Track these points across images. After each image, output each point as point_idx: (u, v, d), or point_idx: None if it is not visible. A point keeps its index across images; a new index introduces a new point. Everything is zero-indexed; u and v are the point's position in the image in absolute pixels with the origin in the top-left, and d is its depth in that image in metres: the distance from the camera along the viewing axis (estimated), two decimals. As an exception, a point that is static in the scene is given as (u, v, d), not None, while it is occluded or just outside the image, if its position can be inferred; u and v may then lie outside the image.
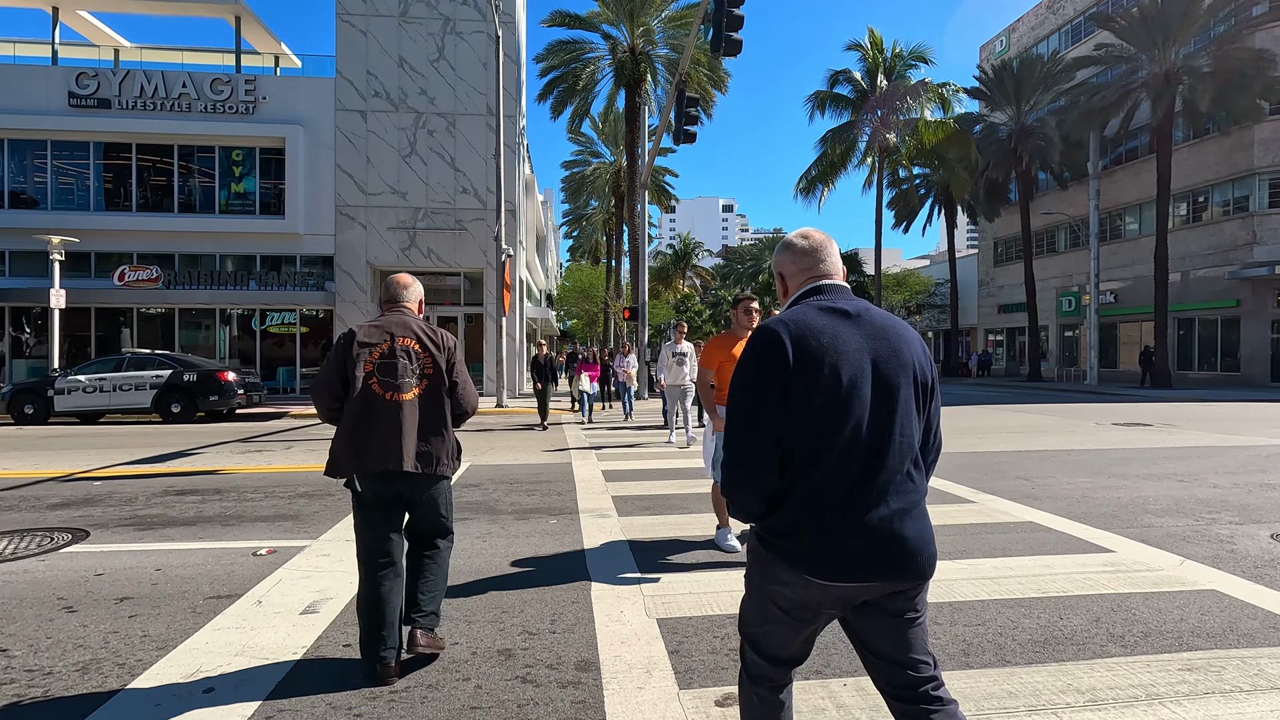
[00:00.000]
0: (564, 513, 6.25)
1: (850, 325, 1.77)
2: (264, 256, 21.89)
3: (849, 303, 1.83)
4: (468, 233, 21.98)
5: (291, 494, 7.09)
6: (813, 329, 1.74)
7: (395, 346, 3.10)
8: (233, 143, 21.53)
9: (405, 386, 3.08)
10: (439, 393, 3.16)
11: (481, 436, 12.35)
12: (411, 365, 3.11)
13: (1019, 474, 7.96)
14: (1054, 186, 35.60)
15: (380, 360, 3.07)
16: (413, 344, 3.13)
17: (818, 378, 1.70)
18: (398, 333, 3.13)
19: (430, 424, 3.11)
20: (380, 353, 3.08)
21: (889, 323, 1.82)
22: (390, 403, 3.04)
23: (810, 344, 1.72)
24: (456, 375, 3.22)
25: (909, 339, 1.81)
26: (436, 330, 3.25)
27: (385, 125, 21.76)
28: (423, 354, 3.15)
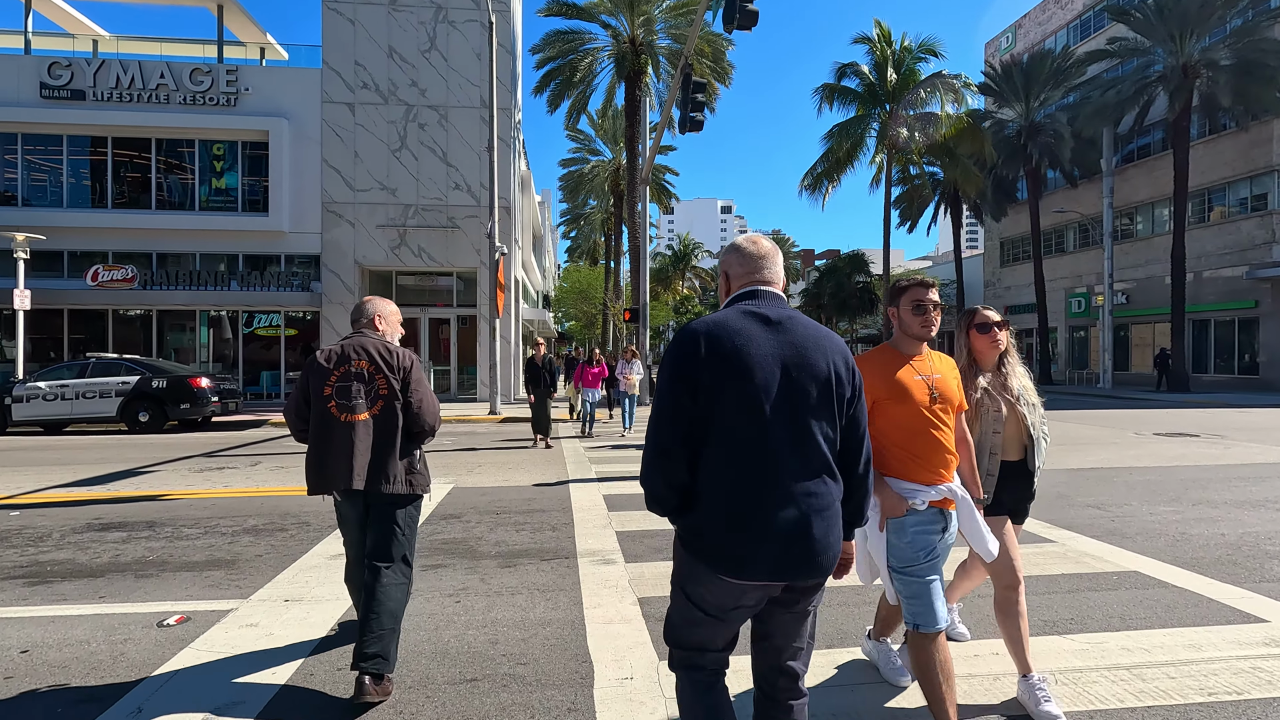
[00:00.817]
0: (559, 556, 5.12)
1: (769, 331, 1.85)
2: (247, 256, 20.71)
3: (775, 310, 1.89)
4: (460, 231, 20.85)
5: (236, 528, 5.95)
6: (730, 330, 1.83)
7: (350, 369, 3.19)
8: (214, 136, 20.37)
9: (359, 407, 3.16)
10: (393, 412, 3.19)
11: (470, 451, 11.21)
12: (365, 387, 3.18)
13: (1087, 500, 6.84)
14: (1063, 185, 34.55)
15: (337, 383, 3.17)
16: (366, 366, 3.20)
17: (727, 377, 1.78)
18: (353, 355, 3.21)
19: (382, 443, 3.15)
20: (337, 376, 3.18)
21: (811, 332, 1.89)
22: (345, 424, 3.13)
23: (724, 345, 1.81)
24: (412, 395, 3.23)
25: (829, 349, 1.88)
26: (393, 350, 3.29)
27: (374, 118, 20.62)
28: (376, 375, 3.20)
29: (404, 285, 21.92)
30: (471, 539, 5.60)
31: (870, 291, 36.28)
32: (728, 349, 1.79)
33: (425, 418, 3.25)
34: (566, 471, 8.97)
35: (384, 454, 3.14)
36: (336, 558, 4.99)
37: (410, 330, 21.65)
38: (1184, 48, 24.76)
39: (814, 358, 1.83)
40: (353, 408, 3.16)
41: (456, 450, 11.21)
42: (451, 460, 9.99)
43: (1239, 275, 26.12)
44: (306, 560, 5.01)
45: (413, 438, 3.26)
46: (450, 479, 8.36)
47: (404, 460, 3.19)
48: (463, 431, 14.20)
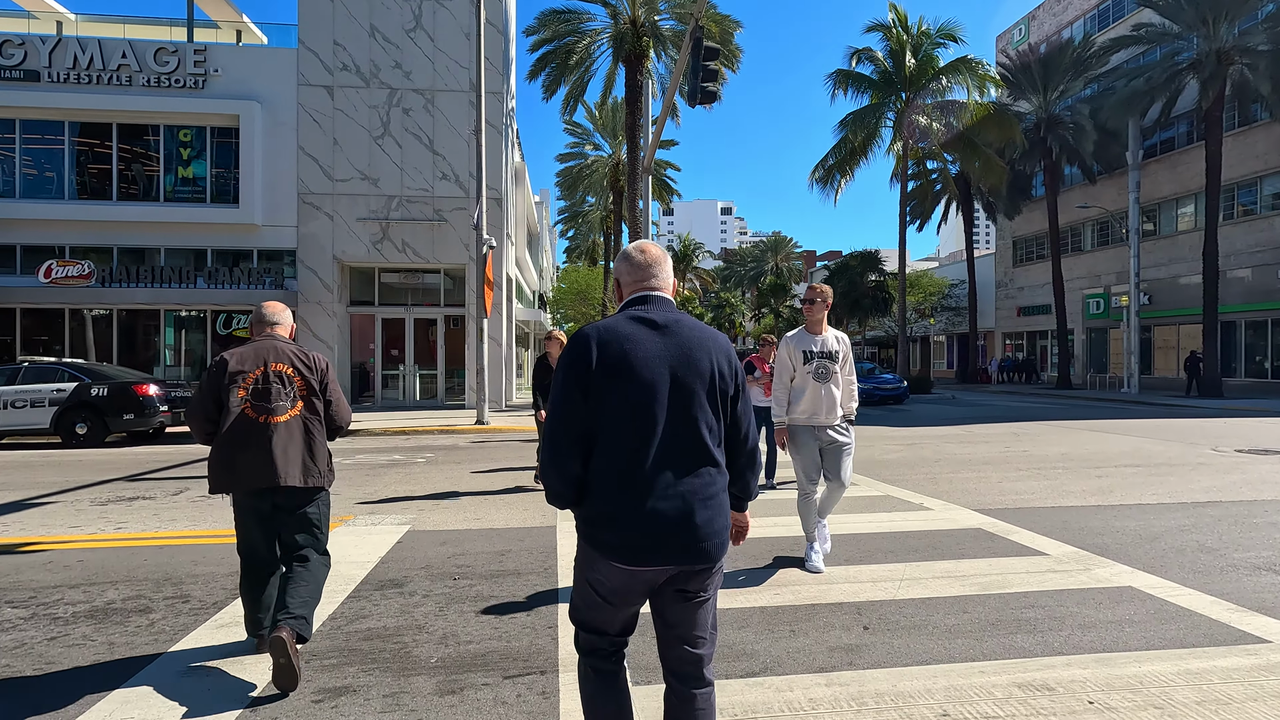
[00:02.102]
0: (530, 669, 3.34)
1: (655, 334, 1.98)
2: (216, 251, 18.95)
3: (662, 314, 2.02)
4: (448, 224, 19.10)
5: (83, 606, 4.18)
6: (618, 335, 1.96)
7: (267, 371, 3.25)
8: (180, 121, 18.61)
9: (279, 409, 3.24)
10: (315, 411, 3.34)
11: (444, 470, 9.44)
12: (285, 389, 3.27)
13: (1255, 559, 5.08)
14: (1080, 181, 32.87)
15: (254, 385, 3.22)
16: (285, 368, 3.29)
17: (615, 378, 1.92)
18: (271, 358, 3.28)
19: (302, 441, 3.28)
20: (254, 379, 3.23)
21: (697, 335, 2.02)
22: (263, 425, 3.19)
23: (612, 348, 1.93)
24: (330, 394, 3.42)
25: (713, 350, 2.02)
26: (309, 353, 3.43)
27: (354, 102, 18.88)
28: (295, 377, 3.31)
29: (387, 283, 20.17)
30: (409, 629, 3.82)
31: (884, 290, 34.46)
32: (616, 352, 1.93)
33: (340, 416, 3.47)
34: (556, 504, 7.19)
35: (304, 451, 3.27)
36: (196, 669, 3.23)
37: (395, 332, 19.91)
38: (1217, 33, 23.06)
39: (698, 358, 1.98)
40: (272, 409, 3.23)
41: (428, 468, 9.44)
42: (419, 483, 8.23)
43: (1273, 274, 24.42)
44: (152, 673, 3.25)
45: (330, 433, 3.45)
46: (409, 517, 6.60)
47: (321, 454, 3.33)
48: (443, 445, 12.42)
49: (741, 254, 66.19)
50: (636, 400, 1.91)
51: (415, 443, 13.04)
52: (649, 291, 2.09)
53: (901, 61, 24.78)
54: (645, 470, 1.90)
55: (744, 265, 63.57)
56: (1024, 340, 37.99)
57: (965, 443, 12.08)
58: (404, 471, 9.44)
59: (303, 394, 3.31)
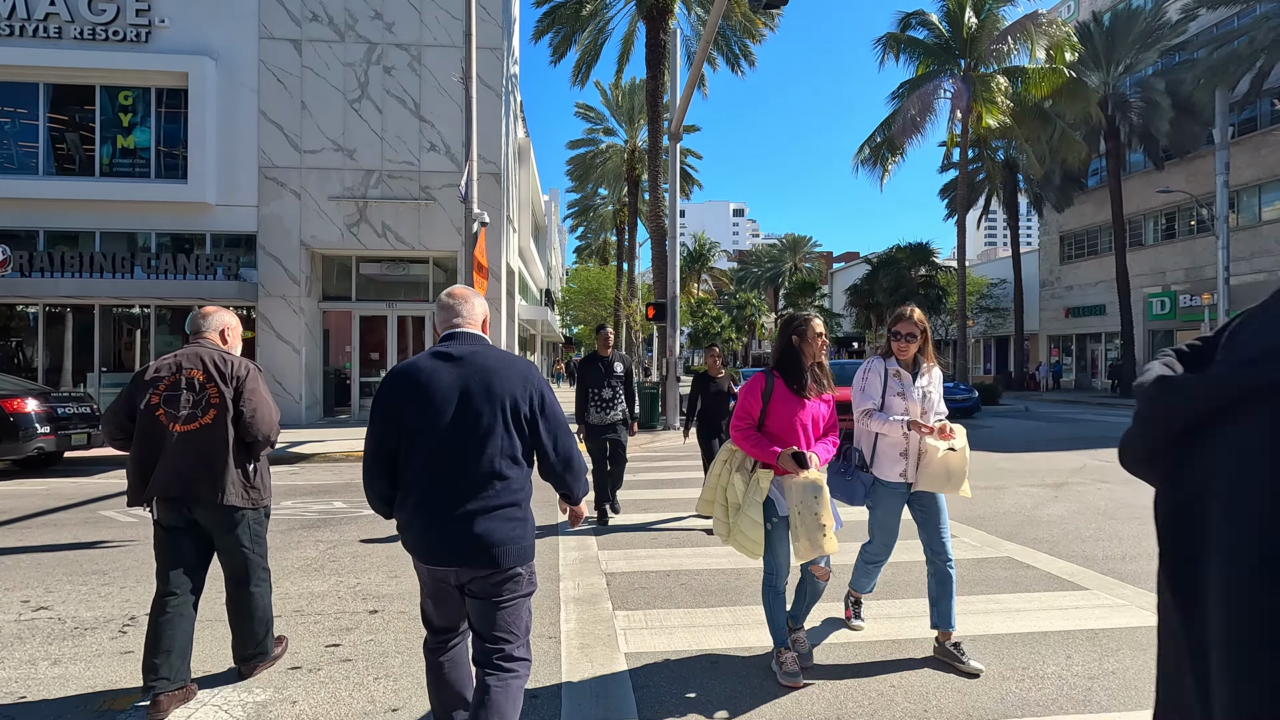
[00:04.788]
0: None
1: (451, 365, 2.26)
2: (162, 235, 15.71)
3: (460, 348, 2.31)
4: (437, 204, 15.80)
5: None
6: (416, 369, 2.27)
7: (180, 378, 3.06)
8: (119, 80, 15.38)
9: (188, 417, 3.04)
10: (223, 423, 3.07)
11: (394, 537, 6.09)
12: (195, 396, 3.05)
13: None
14: (1142, 168, 29.29)
15: (166, 392, 3.04)
16: (198, 375, 3.07)
17: (408, 405, 2.23)
18: (185, 364, 3.09)
19: (213, 453, 3.04)
20: (166, 385, 3.05)
21: (492, 363, 2.28)
22: (172, 433, 3.02)
23: (410, 380, 2.25)
24: (244, 404, 3.12)
25: (508, 377, 2.27)
26: (229, 359, 3.16)
27: (327, 59, 15.63)
28: (208, 384, 3.08)
29: (366, 274, 16.87)
30: None
31: (935, 286, 30.79)
32: (413, 385, 2.24)
33: (258, 427, 3.14)
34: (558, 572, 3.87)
35: (215, 464, 3.05)
36: None
37: (375, 332, 16.62)
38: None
39: (492, 384, 2.24)
40: (180, 417, 3.04)
41: (373, 525, 6.09)
42: (340, 565, 4.88)
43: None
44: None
45: (247, 449, 3.16)
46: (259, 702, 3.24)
47: (238, 470, 3.11)
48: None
49: (757, 254, 62.68)
50: (428, 424, 2.22)
51: (378, 475, 9.71)
52: (453, 329, 2.41)
53: (960, 21, 21.29)
54: (436, 485, 2.21)
55: (760, 266, 60.08)
56: (1072, 344, 34.34)
57: (1126, 482, 8.61)
58: (332, 536, 6.09)
59: (214, 403, 3.06)
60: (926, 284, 30.47)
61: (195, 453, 3.00)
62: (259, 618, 3.24)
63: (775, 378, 3.37)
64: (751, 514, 3.24)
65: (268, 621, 3.29)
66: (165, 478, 2.98)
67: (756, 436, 3.28)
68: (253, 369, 3.20)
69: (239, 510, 3.10)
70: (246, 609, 3.20)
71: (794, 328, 3.43)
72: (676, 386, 15.49)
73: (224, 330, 3.28)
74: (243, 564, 3.17)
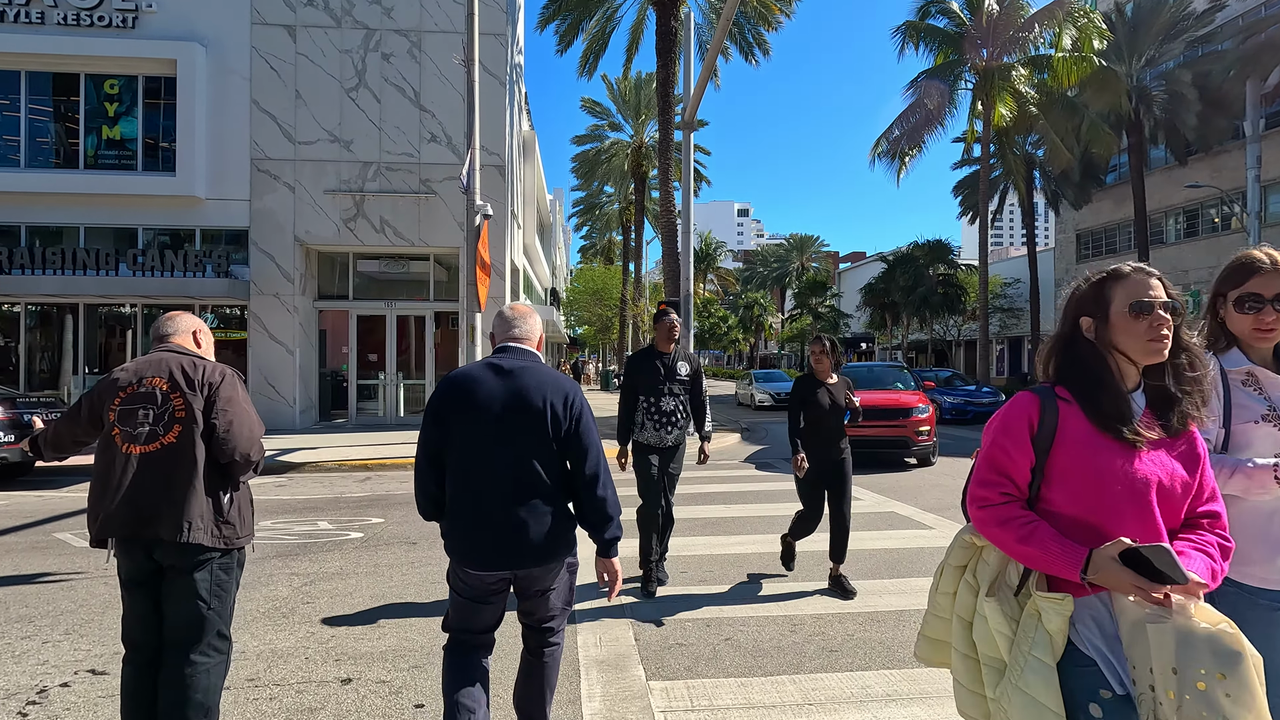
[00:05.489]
0: None
1: (499, 377, 2.35)
2: (149, 230, 14.89)
3: (509, 362, 2.40)
4: (438, 198, 14.97)
5: None
6: (469, 378, 2.37)
7: (139, 390, 2.46)
8: (104, 68, 14.57)
9: (144, 435, 2.42)
10: (191, 440, 2.43)
11: (390, 554, 5.23)
12: (156, 410, 2.44)
13: None
14: (1163, 164, 28.31)
15: (121, 406, 2.45)
16: (160, 384, 2.48)
17: (459, 414, 2.33)
18: (147, 373, 2.50)
19: (176, 479, 2.39)
20: (122, 398, 2.46)
21: (534, 379, 2.36)
22: (126, 455, 2.40)
23: (461, 388, 2.35)
24: (217, 416, 2.47)
25: (548, 391, 2.34)
26: (200, 364, 2.55)
27: (323, 46, 14.81)
28: (173, 394, 2.46)
29: (364, 272, 16.05)
30: None
31: (953, 285, 29.78)
32: (463, 391, 2.35)
33: (234, 443, 2.46)
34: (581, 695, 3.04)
35: (178, 492, 2.39)
36: None
37: (373, 332, 15.80)
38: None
39: (533, 398, 2.32)
40: (136, 435, 2.41)
41: (358, 553, 5.22)
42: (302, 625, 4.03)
43: None
44: None
45: (224, 472, 2.49)
46: None
47: (209, 499, 2.43)
48: (409, 492, 8.21)
49: (763, 254, 61.74)
50: (474, 432, 2.31)
51: (372, 487, 8.86)
52: (509, 342, 2.50)
53: (981, 7, 20.32)
54: (482, 490, 2.29)
55: (766, 265, 59.14)
56: (1089, 344, 33.35)
57: None
58: (310, 568, 5.23)
59: (179, 416, 2.44)
60: (945, 282, 29.48)
61: (156, 480, 2.39)
62: (196, 704, 2.40)
63: (1061, 401, 1.60)
64: (1035, 688, 1.45)
65: (208, 710, 2.44)
66: (118, 514, 2.37)
67: (1028, 521, 1.54)
68: (229, 374, 2.60)
69: (205, 551, 2.43)
70: (182, 688, 2.38)
71: (1107, 289, 1.62)
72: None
73: (196, 333, 2.72)
74: (193, 623, 2.43)
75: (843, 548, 4.68)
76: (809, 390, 4.75)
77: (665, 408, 4.72)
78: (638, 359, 4.92)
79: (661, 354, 4.84)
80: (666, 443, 4.76)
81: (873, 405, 10.42)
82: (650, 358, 4.84)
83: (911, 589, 4.69)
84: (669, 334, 4.83)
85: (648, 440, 4.76)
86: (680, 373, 4.80)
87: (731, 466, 10.84)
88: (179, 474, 2.39)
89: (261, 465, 2.62)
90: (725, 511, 7.32)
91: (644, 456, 4.75)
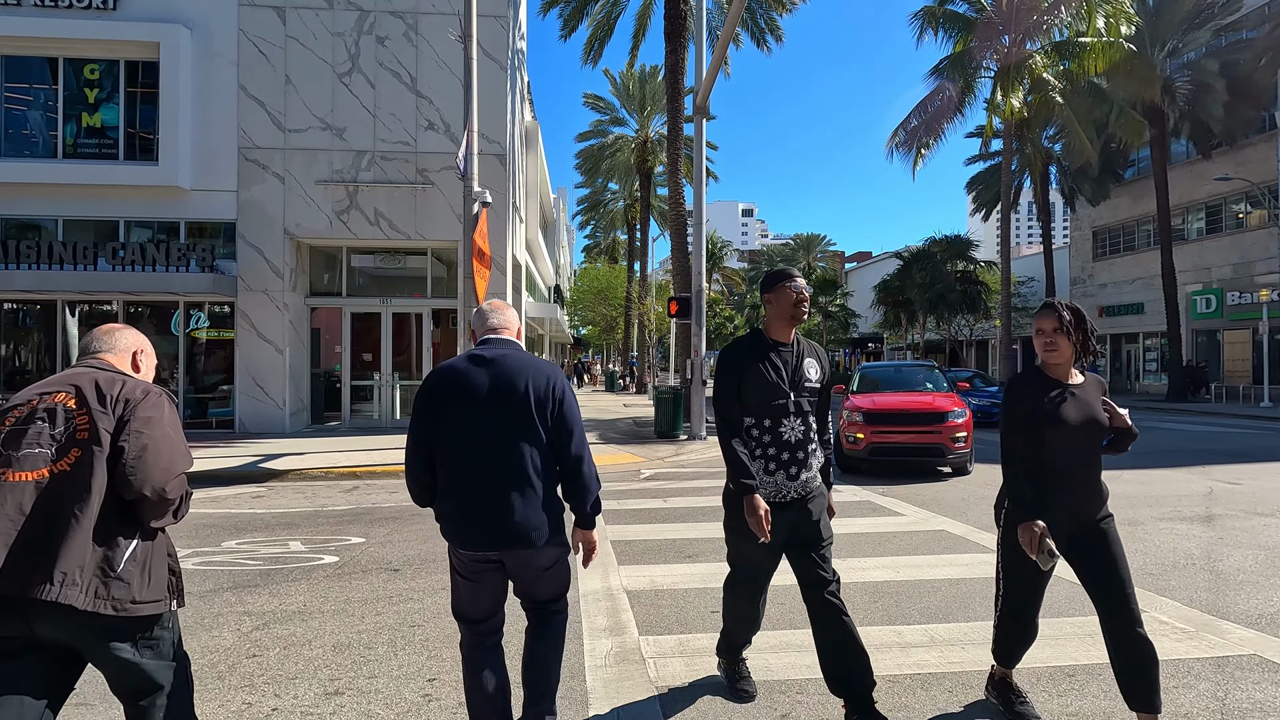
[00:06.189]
0: None
1: (483, 367, 2.43)
2: (131, 222, 14.06)
3: (492, 351, 2.48)
4: (435, 188, 14.13)
5: None
6: (453, 370, 2.44)
7: (37, 405, 1.91)
8: (84, 51, 13.74)
9: (28, 460, 1.83)
10: (88, 467, 1.84)
11: (366, 585, 4.36)
12: (52, 430, 1.87)
13: None
14: (1185, 158, 27.35)
15: (13, 426, 1.88)
16: (65, 400, 1.93)
17: (446, 404, 2.41)
18: (53, 388, 1.96)
19: (60, 518, 1.79)
20: (17, 416, 1.90)
21: (519, 365, 2.44)
22: (6, 485, 1.79)
23: (445, 381, 2.42)
24: (128, 438, 1.89)
25: (533, 376, 2.43)
26: (118, 378, 2.00)
27: (314, 28, 13.98)
28: (78, 413, 1.91)
29: (358, 267, 15.20)
30: None
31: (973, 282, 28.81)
32: (449, 383, 2.42)
33: (144, 474, 1.85)
34: None
35: (60, 535, 1.78)
36: None
37: (368, 331, 14.94)
38: None
39: (516, 383, 2.40)
40: (19, 459, 1.82)
41: (329, 583, 4.34)
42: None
43: None
44: None
45: (127, 512, 1.89)
46: None
47: (101, 548, 1.82)
48: (399, 503, 7.31)
49: (769, 253, 60.86)
50: (461, 419, 2.38)
51: (358, 499, 7.99)
52: (489, 335, 2.56)
53: (1002, -6, 19.37)
54: (471, 473, 2.37)
55: (772, 265, 58.20)
56: (1106, 344, 32.39)
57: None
58: (268, 605, 4.35)
59: (80, 438, 1.87)
60: (964, 279, 28.51)
61: (38, 518, 1.79)
62: None
63: None
64: None
65: None
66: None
67: None
68: (156, 393, 2.04)
69: (126, 621, 1.86)
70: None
71: None
72: (702, 390, 13.72)
73: (137, 354, 2.21)
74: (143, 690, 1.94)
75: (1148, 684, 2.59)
76: (1041, 398, 2.68)
77: (789, 436, 2.84)
78: (738, 355, 2.92)
79: (779, 346, 2.90)
80: (789, 494, 2.84)
81: (903, 409, 9.57)
82: (759, 352, 2.88)
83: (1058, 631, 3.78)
84: (794, 311, 2.87)
85: (773, 494, 2.84)
86: (809, 376, 2.91)
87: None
88: (63, 510, 1.81)
89: (185, 510, 2.02)
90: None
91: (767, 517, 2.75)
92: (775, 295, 2.91)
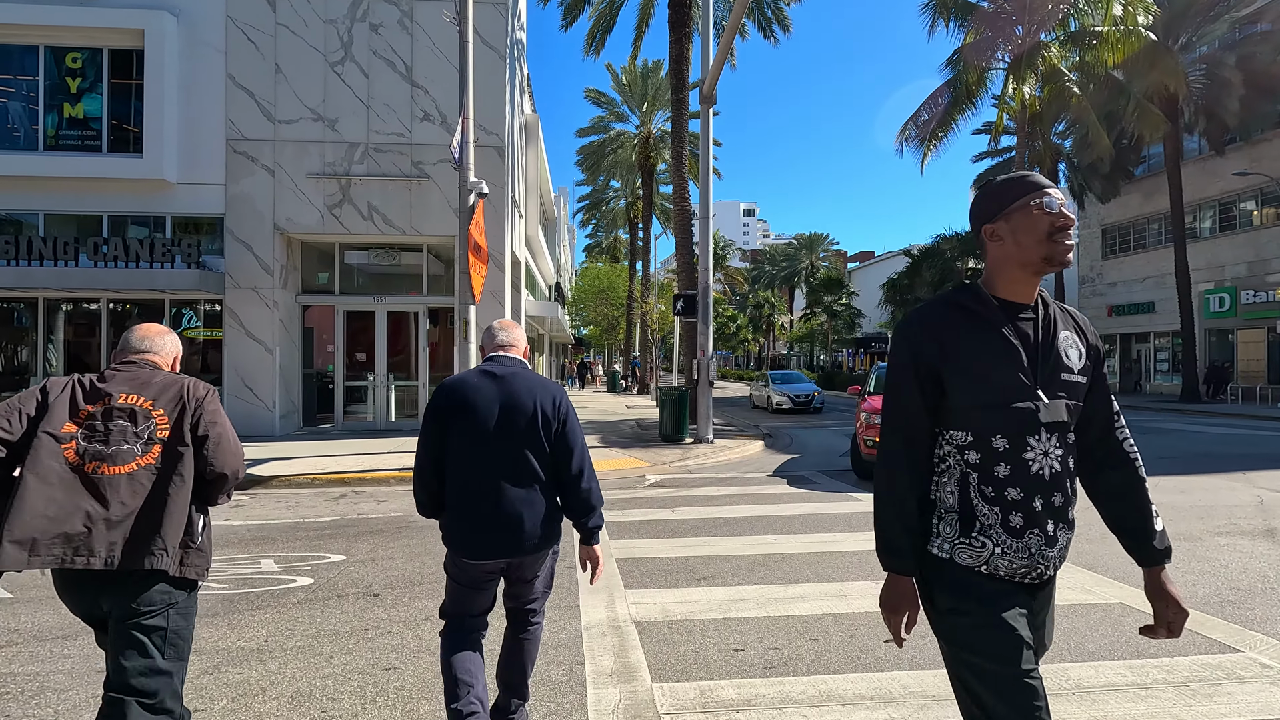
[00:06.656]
0: None
1: (493, 382, 2.54)
2: (115, 217, 13.49)
3: (503, 368, 2.60)
4: (431, 182, 13.55)
5: None
6: (465, 384, 2.55)
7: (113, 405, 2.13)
8: (65, 39, 13.18)
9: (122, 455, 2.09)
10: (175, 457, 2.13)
11: (341, 616, 3.76)
12: (134, 429, 2.13)
13: None
14: (1197, 154, 26.73)
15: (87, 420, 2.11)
16: (144, 403, 2.16)
17: (457, 417, 2.50)
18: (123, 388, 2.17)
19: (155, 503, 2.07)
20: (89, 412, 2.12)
21: (527, 383, 2.56)
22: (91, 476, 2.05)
23: (457, 394, 2.53)
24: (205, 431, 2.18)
25: (538, 395, 2.54)
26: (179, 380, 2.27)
27: (305, 15, 13.41)
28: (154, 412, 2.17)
29: (352, 264, 14.62)
30: None
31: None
32: (461, 396, 2.52)
33: (223, 458, 2.19)
34: None
35: (155, 517, 2.06)
36: None
37: (361, 330, 14.37)
38: None
39: (524, 401, 2.51)
40: (112, 455, 2.09)
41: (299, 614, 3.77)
42: None
43: None
44: None
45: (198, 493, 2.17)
46: None
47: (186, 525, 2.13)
48: (390, 516, 6.73)
49: (772, 253, 60.21)
50: (472, 432, 2.48)
51: (344, 509, 7.40)
52: (498, 352, 2.68)
53: (1017, -18, 18.79)
54: (480, 486, 2.47)
55: (775, 264, 57.61)
56: (1116, 344, 31.77)
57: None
58: (227, 639, 3.77)
59: (161, 435, 2.15)
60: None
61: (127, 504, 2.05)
62: None
63: None
64: None
65: None
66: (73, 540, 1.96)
67: None
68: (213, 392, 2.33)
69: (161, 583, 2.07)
70: None
71: None
72: (709, 391, 13.12)
73: (176, 359, 2.44)
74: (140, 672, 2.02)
75: None
76: None
77: (1040, 466, 1.60)
78: (936, 323, 1.67)
79: (1016, 309, 1.67)
80: (1045, 570, 1.63)
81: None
82: (978, 319, 1.65)
83: (1144, 678, 3.19)
84: (1051, 248, 1.62)
85: (994, 565, 1.60)
86: (1069, 361, 1.68)
87: (759, 481, 9.37)
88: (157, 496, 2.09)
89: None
90: (770, 546, 5.84)
91: (984, 606, 1.57)
92: (1012, 219, 1.63)
